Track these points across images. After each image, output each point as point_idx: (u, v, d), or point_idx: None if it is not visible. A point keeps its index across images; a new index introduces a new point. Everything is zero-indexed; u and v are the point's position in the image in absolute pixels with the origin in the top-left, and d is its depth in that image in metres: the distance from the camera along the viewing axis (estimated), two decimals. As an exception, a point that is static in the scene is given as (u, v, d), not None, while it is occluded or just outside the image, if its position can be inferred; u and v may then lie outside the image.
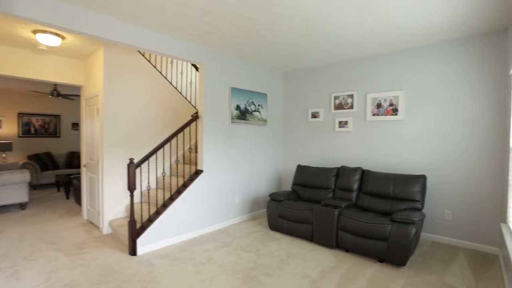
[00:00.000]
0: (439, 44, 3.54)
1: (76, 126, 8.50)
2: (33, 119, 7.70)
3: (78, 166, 7.88)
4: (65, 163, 7.81)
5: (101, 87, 3.79)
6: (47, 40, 3.26)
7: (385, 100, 4.01)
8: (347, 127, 4.39)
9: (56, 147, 8.13)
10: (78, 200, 5.20)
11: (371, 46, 3.68)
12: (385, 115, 4.00)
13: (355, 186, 3.72)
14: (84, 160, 4.50)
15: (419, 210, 3.16)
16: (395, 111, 3.91)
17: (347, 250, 3.27)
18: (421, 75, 3.67)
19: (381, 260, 2.98)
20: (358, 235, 3.08)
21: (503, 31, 3.12)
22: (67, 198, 5.94)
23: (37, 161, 7.20)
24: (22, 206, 5.08)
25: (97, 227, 4.05)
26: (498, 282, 2.57)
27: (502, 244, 2.78)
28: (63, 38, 3.42)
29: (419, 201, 3.19)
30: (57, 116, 8.12)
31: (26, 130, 7.59)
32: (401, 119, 3.84)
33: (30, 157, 7.25)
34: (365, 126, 4.19)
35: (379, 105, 4.06)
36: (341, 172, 3.92)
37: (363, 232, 3.02)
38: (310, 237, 3.52)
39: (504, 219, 2.77)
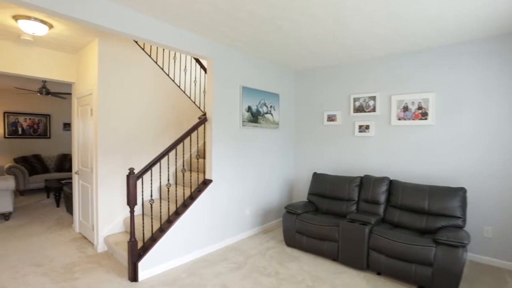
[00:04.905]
0: (478, 41, 3.16)
1: (68, 126, 7.96)
2: (21, 119, 7.15)
3: (69, 169, 7.34)
4: (55, 166, 7.28)
5: (95, 84, 3.32)
6: (31, 28, 2.78)
7: (412, 103, 3.62)
8: (368, 131, 4.00)
9: (46, 149, 7.58)
10: (70, 209, 4.71)
11: (400, 41, 3.29)
12: (413, 119, 3.62)
13: (382, 198, 3.34)
14: (76, 166, 4.02)
15: (461, 228, 2.78)
16: (424, 115, 3.53)
17: (378, 273, 2.87)
18: (457, 75, 3.30)
19: (421, 287, 2.59)
20: (393, 257, 2.69)
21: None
22: (58, 205, 5.43)
23: (25, 164, 6.66)
24: (5, 216, 4.57)
25: (91, 243, 3.58)
26: (562, 316, 2.20)
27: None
28: (50, 26, 2.94)
29: (460, 217, 2.81)
30: (47, 116, 7.57)
31: (13, 131, 7.03)
32: (431, 124, 3.46)
33: (17, 160, 6.71)
34: (390, 131, 3.81)
35: (405, 108, 3.68)
36: (365, 182, 3.53)
37: (400, 254, 2.62)
38: (335, 257, 3.12)
39: None
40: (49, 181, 5.90)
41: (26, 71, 3.55)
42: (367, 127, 4.01)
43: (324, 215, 3.54)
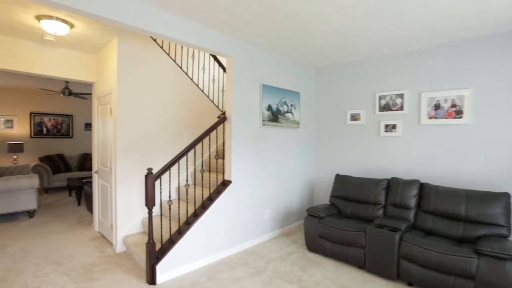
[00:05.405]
0: (522, 31, 2.88)
1: (89, 126, 8.15)
2: (46, 119, 7.37)
3: (90, 168, 7.50)
4: (77, 165, 7.46)
5: (115, 83, 3.30)
6: (53, 28, 2.78)
7: (445, 100, 3.36)
8: (395, 131, 3.76)
9: (69, 148, 7.79)
10: (90, 208, 4.77)
11: (437, 33, 3.05)
12: (446, 118, 3.36)
13: (413, 202, 3.11)
14: (95, 165, 4.04)
15: (506, 237, 2.52)
16: (459, 113, 3.27)
17: (410, 284, 2.66)
18: (496, 69, 3.02)
19: (460, 302, 2.36)
20: (427, 268, 2.47)
21: None
22: (79, 204, 5.53)
23: (49, 163, 6.85)
24: (30, 213, 4.69)
25: (110, 243, 3.57)
26: None
27: None
28: (71, 26, 2.94)
29: (505, 226, 2.55)
30: (69, 116, 7.78)
31: (38, 131, 7.27)
32: (467, 123, 3.19)
33: (41, 159, 6.91)
34: (419, 131, 3.56)
35: (437, 106, 3.43)
36: (393, 185, 3.31)
37: (435, 264, 2.41)
38: (361, 264, 2.93)
39: None
40: (71, 180, 6.03)
41: (49, 71, 3.60)
42: (394, 126, 3.78)
43: (348, 219, 3.35)
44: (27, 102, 7.08)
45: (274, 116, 3.78)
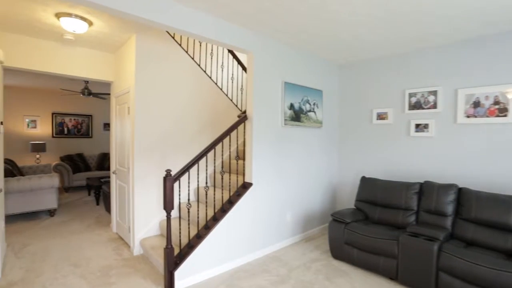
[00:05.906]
0: None
1: (107, 126, 8.25)
2: (66, 119, 7.51)
3: (109, 168, 7.57)
4: (96, 164, 7.54)
5: (133, 82, 3.23)
6: (72, 25, 2.73)
7: (486, 97, 3.07)
8: (427, 131, 3.49)
9: (88, 148, 7.91)
10: (108, 208, 4.75)
11: (476, 23, 2.77)
12: (487, 116, 3.06)
13: (450, 209, 2.84)
14: (113, 166, 3.99)
15: None
16: (502, 111, 2.96)
17: (450, 300, 2.40)
18: (548, 62, 2.71)
19: (512, 323, 2.10)
20: (473, 284, 2.22)
21: None
22: (97, 204, 5.55)
23: (70, 162, 6.96)
24: (51, 212, 4.73)
25: (127, 245, 3.50)
26: None
27: None
28: (90, 23, 2.88)
29: (562, 238, 2.26)
30: (89, 116, 7.89)
31: (60, 130, 7.41)
32: (513, 121, 2.89)
33: (62, 158, 7.03)
34: (455, 131, 3.27)
35: (476, 104, 3.13)
36: (426, 189, 3.05)
37: (483, 281, 2.15)
38: (393, 275, 2.69)
39: None
40: (90, 179, 6.08)
41: (68, 71, 3.58)
42: (426, 126, 3.50)
43: (377, 226, 3.12)
44: (49, 103, 7.23)
45: (296, 115, 3.60)
